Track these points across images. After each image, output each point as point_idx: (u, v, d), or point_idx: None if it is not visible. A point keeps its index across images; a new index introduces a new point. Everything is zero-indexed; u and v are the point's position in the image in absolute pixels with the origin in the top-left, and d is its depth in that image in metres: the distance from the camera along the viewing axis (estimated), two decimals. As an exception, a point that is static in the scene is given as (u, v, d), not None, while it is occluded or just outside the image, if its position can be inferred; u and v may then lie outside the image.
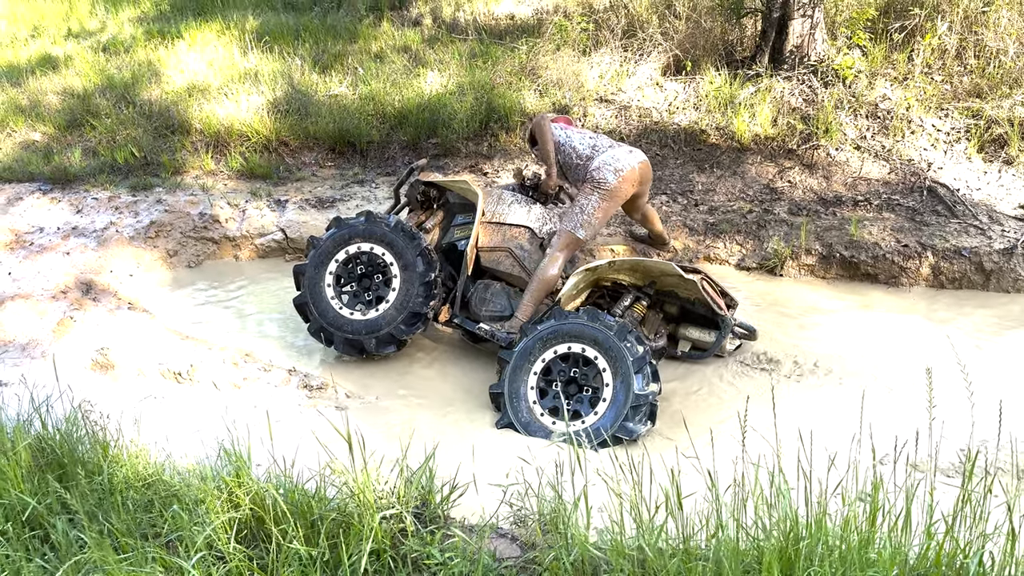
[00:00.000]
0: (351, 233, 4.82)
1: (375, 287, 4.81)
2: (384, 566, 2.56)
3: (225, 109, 7.50)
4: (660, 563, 2.27)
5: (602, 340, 4.09)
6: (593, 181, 4.67)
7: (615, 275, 4.63)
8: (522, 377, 4.23)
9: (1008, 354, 4.57)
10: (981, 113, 6.25)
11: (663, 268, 4.45)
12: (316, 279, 4.82)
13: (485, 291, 4.88)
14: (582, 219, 4.67)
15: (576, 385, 4.22)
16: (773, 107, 6.67)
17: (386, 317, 4.67)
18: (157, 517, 2.68)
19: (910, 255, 5.48)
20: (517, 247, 4.89)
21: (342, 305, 4.79)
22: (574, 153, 4.82)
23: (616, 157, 4.69)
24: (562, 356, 4.21)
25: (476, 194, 4.83)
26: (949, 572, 2.23)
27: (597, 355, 4.12)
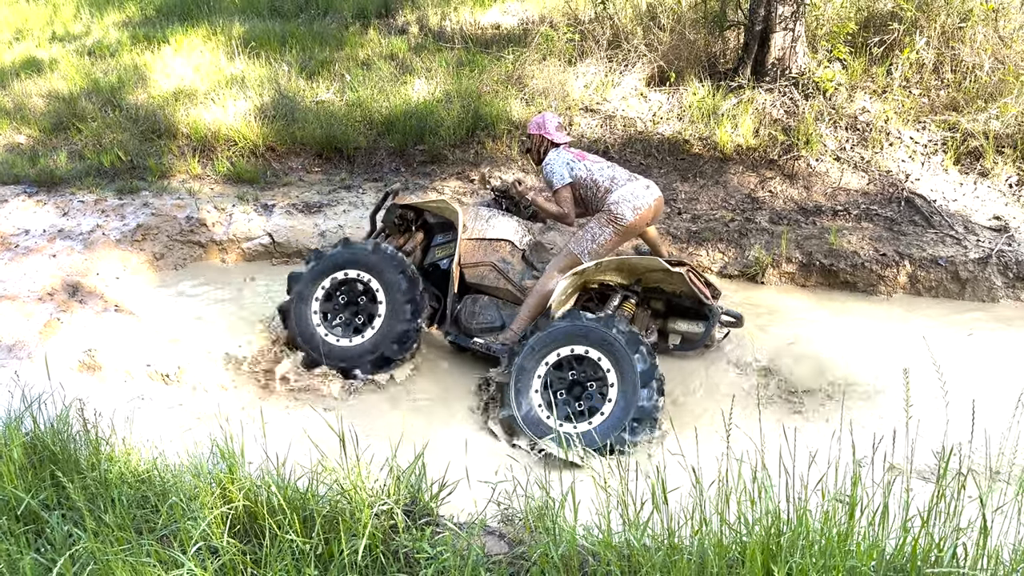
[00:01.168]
0: (333, 263, 4.91)
1: (362, 312, 4.87)
2: (376, 561, 2.61)
3: (212, 114, 7.52)
4: (646, 557, 2.33)
5: (611, 345, 4.14)
6: (610, 214, 4.67)
7: (602, 276, 4.69)
8: (529, 375, 4.26)
9: (980, 358, 4.68)
10: (957, 126, 6.40)
11: (648, 264, 4.51)
12: (302, 312, 4.90)
13: (474, 305, 4.92)
14: (591, 247, 4.69)
15: (581, 387, 4.25)
16: (755, 118, 6.79)
17: (375, 339, 4.73)
18: (151, 512, 2.71)
19: (888, 264, 5.60)
20: (500, 260, 4.95)
21: (328, 332, 4.86)
22: (595, 186, 4.79)
23: (636, 194, 4.69)
24: (571, 358, 4.26)
25: (455, 212, 4.89)
26: (924, 565, 2.31)
27: (602, 357, 4.17)
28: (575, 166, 4.85)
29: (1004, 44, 6.74)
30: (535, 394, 4.23)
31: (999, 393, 4.30)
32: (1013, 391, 4.18)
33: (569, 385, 4.28)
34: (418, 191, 6.81)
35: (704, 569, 2.19)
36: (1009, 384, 4.35)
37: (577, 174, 4.83)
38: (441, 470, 3.16)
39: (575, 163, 4.87)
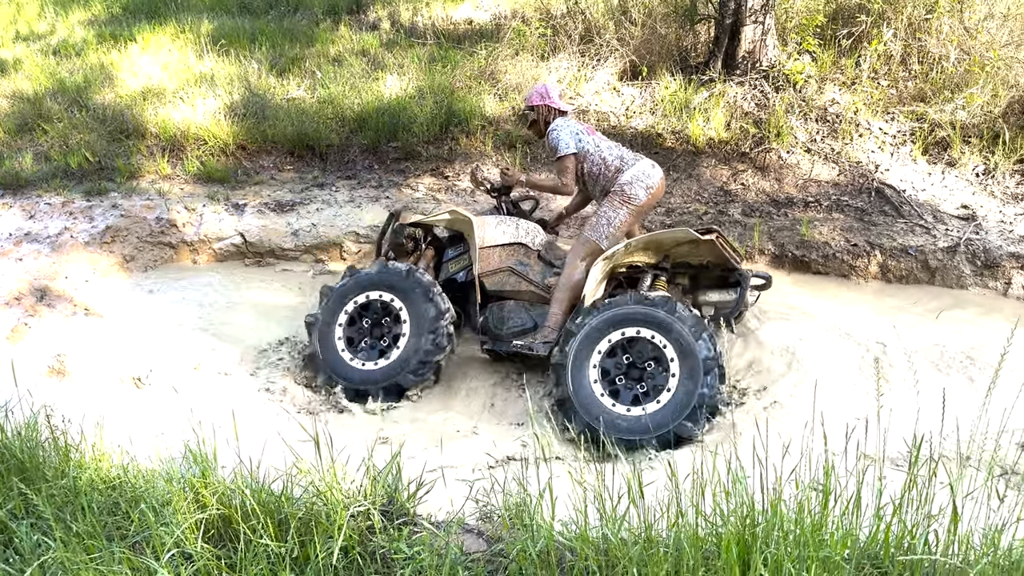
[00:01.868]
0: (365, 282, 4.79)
1: (386, 336, 4.75)
2: (352, 562, 2.59)
3: (181, 113, 7.43)
4: (623, 551, 2.34)
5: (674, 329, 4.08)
6: (623, 195, 4.64)
7: (630, 258, 4.60)
8: (586, 356, 4.20)
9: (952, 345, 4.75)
10: (925, 117, 6.48)
11: (677, 236, 4.43)
12: (326, 330, 4.78)
13: (501, 311, 4.84)
14: (608, 231, 4.66)
15: (639, 371, 4.19)
16: (726, 111, 6.83)
17: (394, 366, 4.59)
18: (123, 519, 2.67)
19: (859, 254, 5.66)
20: (517, 264, 4.90)
21: (348, 352, 4.73)
22: (603, 164, 4.75)
23: (646, 173, 4.66)
24: (628, 340, 4.20)
25: (468, 221, 4.79)
26: (897, 552, 2.33)
27: (666, 344, 4.10)
28: (583, 138, 4.80)
29: (969, 35, 6.83)
30: (592, 375, 4.17)
31: (970, 379, 4.37)
32: (984, 377, 4.25)
33: (627, 368, 4.21)
34: (392, 188, 6.77)
35: (681, 561, 2.20)
36: (980, 370, 4.42)
37: (585, 147, 4.78)
38: (418, 469, 3.15)
39: (584, 135, 4.82)
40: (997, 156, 6.11)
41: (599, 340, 4.20)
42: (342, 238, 6.37)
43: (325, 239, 6.37)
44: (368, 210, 6.51)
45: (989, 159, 6.17)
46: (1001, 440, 2.80)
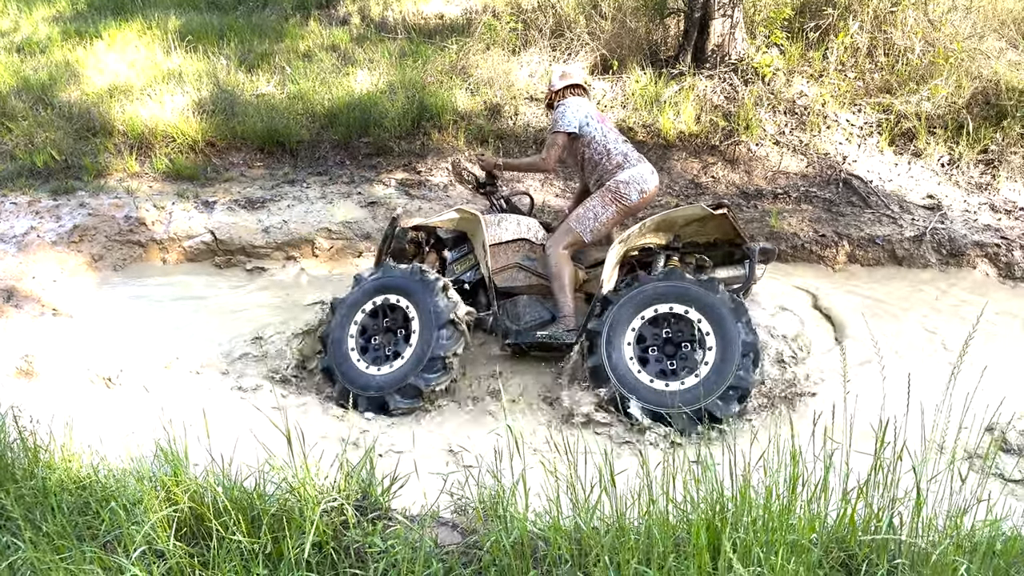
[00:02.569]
0: (373, 287, 4.68)
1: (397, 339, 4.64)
2: (327, 558, 2.59)
3: (149, 110, 7.34)
4: (595, 540, 2.36)
5: (716, 310, 4.09)
6: (617, 193, 4.63)
7: (643, 240, 4.58)
8: (622, 327, 4.21)
9: (920, 330, 4.83)
10: (891, 108, 6.57)
11: (689, 214, 4.42)
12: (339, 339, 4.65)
13: (515, 307, 4.82)
14: (594, 226, 4.67)
15: (674, 346, 4.21)
16: (696, 105, 6.88)
17: (405, 369, 4.43)
18: (93, 519, 2.65)
19: (827, 244, 5.74)
20: (524, 259, 4.89)
21: (361, 359, 4.60)
22: (606, 154, 4.71)
23: (644, 177, 4.65)
24: (665, 316, 4.21)
25: (477, 218, 4.74)
26: (864, 534, 2.38)
27: (703, 320, 4.11)
28: (592, 124, 4.75)
29: (934, 27, 6.93)
30: (627, 347, 4.18)
31: (937, 365, 4.45)
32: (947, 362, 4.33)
33: (663, 343, 4.23)
34: (364, 184, 6.74)
35: (652, 548, 2.22)
36: (947, 355, 4.51)
37: (591, 133, 4.73)
38: (392, 464, 3.16)
39: (593, 121, 4.76)
40: (961, 146, 6.21)
41: (637, 313, 4.22)
42: (314, 235, 6.33)
43: (297, 236, 6.33)
44: (340, 206, 6.48)
45: (954, 149, 6.27)
46: (965, 423, 2.86)
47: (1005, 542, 2.37)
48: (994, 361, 3.46)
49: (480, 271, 4.90)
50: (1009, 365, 4.30)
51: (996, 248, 5.49)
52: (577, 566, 2.35)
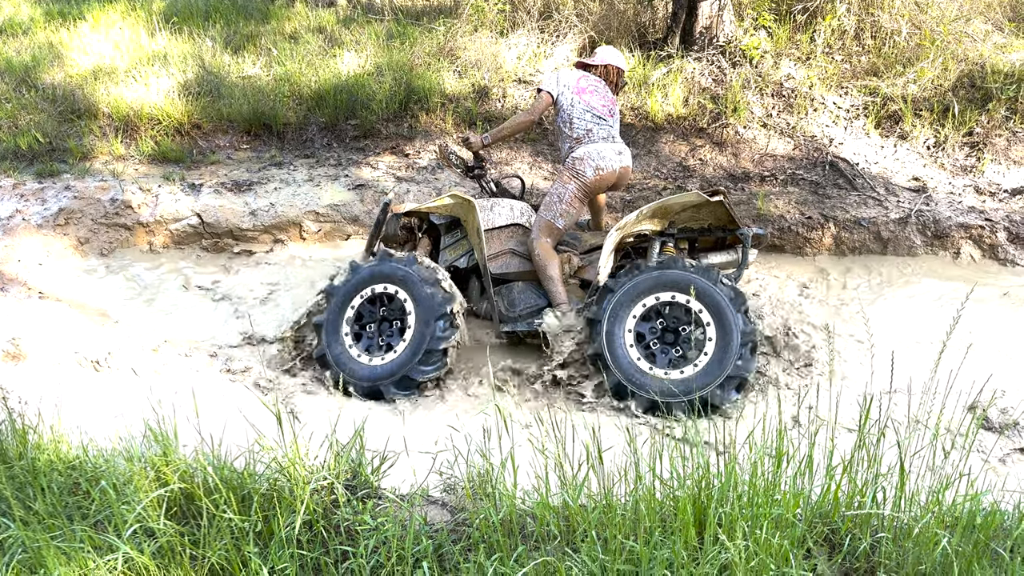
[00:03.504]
0: (367, 276, 4.62)
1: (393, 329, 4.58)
2: (317, 535, 2.61)
3: (134, 92, 7.28)
4: (583, 516, 2.39)
5: (715, 300, 4.12)
6: (572, 170, 4.66)
7: (639, 227, 4.58)
8: (622, 315, 4.23)
9: (905, 311, 4.88)
10: (878, 91, 6.60)
11: (685, 200, 4.42)
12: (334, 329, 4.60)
13: (510, 294, 4.81)
14: (560, 208, 4.67)
15: (674, 335, 4.24)
16: (684, 87, 6.88)
17: (401, 359, 4.39)
18: (83, 499, 2.66)
19: (813, 226, 5.77)
20: (517, 245, 4.88)
21: (356, 349, 4.55)
22: (568, 126, 4.73)
23: (602, 155, 4.65)
24: (664, 305, 4.23)
25: (471, 204, 4.68)
26: (847, 510, 2.42)
27: (702, 309, 4.14)
28: (566, 93, 4.76)
29: (920, 10, 6.95)
30: (627, 335, 4.21)
31: (922, 345, 4.50)
32: (938, 343, 4.37)
33: (662, 332, 4.26)
34: (352, 167, 6.72)
35: (639, 523, 2.25)
36: (933, 336, 4.56)
37: (561, 100, 4.76)
38: (382, 443, 3.18)
39: (567, 91, 4.77)
40: (947, 129, 6.25)
41: (637, 302, 4.25)
42: (301, 217, 6.32)
43: (284, 218, 6.31)
44: (327, 189, 6.46)
45: (939, 132, 6.31)
46: (948, 401, 2.90)
47: (985, 516, 2.42)
48: (978, 342, 3.51)
49: (474, 257, 4.88)
50: (993, 346, 4.36)
51: (980, 230, 5.54)
52: (565, 542, 2.38)
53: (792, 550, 2.14)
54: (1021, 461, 3.59)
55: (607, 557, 2.16)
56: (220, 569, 2.40)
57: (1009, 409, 3.83)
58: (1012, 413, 3.79)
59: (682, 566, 2.08)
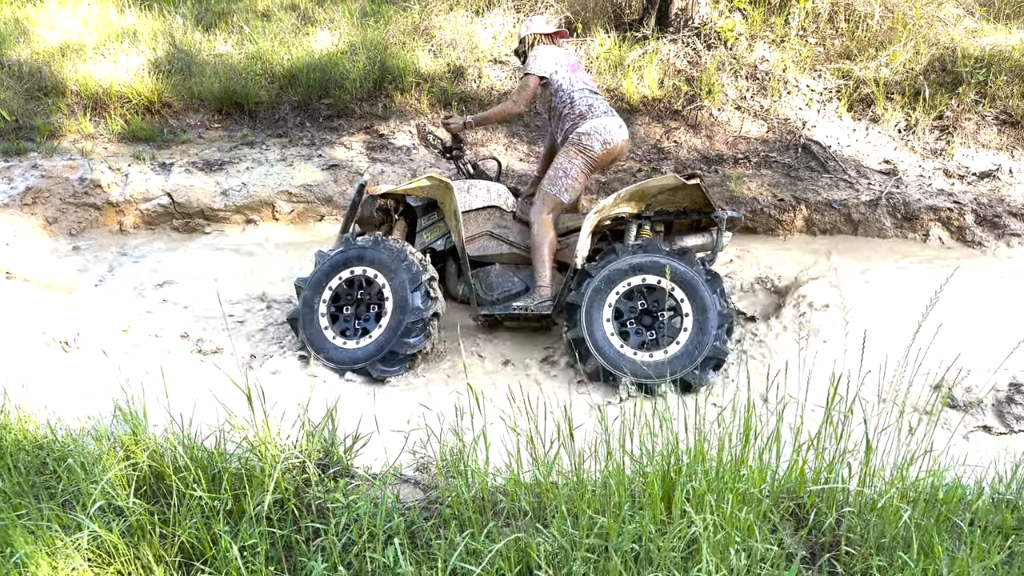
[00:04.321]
0: (338, 261, 4.58)
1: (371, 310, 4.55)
2: (288, 514, 2.61)
3: (103, 70, 7.15)
4: (554, 492, 2.41)
5: (692, 283, 4.16)
6: (580, 145, 4.62)
7: (617, 209, 4.58)
8: (601, 299, 4.26)
9: (874, 292, 4.94)
10: (850, 74, 6.64)
11: (662, 184, 4.44)
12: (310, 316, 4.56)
13: (488, 277, 4.78)
14: (566, 183, 4.65)
15: (652, 318, 4.26)
16: (660, 69, 6.88)
17: (384, 337, 4.37)
18: (51, 478, 2.63)
19: (785, 208, 5.82)
20: (495, 227, 4.85)
21: (336, 335, 4.51)
22: (570, 104, 4.70)
23: (608, 128, 4.63)
24: (644, 288, 4.26)
25: (447, 185, 4.65)
26: (814, 485, 2.46)
27: (681, 293, 4.18)
28: (560, 72, 4.74)
29: (893, -6, 7.00)
30: (606, 319, 4.23)
31: (894, 325, 4.56)
32: (907, 323, 4.43)
33: (640, 315, 4.28)
34: (325, 146, 6.67)
35: (608, 499, 2.28)
36: (903, 316, 4.62)
37: (557, 81, 4.72)
38: (354, 423, 3.18)
39: (561, 69, 4.75)
40: (918, 112, 6.31)
41: (616, 284, 4.27)
42: (274, 197, 6.26)
43: (256, 199, 6.25)
44: (300, 169, 6.41)
45: (910, 115, 6.37)
46: (916, 380, 2.95)
47: (947, 491, 2.47)
48: (945, 322, 3.56)
49: (450, 239, 4.85)
50: (959, 326, 4.43)
51: (949, 212, 5.61)
52: (536, 518, 2.40)
53: (758, 524, 2.17)
54: (984, 437, 3.66)
55: (577, 532, 2.18)
56: (190, 547, 2.40)
57: (974, 388, 3.90)
58: (976, 392, 3.87)
59: (650, 540, 2.11)
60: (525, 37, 4.91)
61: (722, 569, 2.01)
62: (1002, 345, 4.37)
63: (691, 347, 4.10)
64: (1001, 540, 2.29)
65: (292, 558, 2.48)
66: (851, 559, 2.25)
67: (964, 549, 2.13)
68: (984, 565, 2.09)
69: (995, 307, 4.72)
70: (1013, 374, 3.91)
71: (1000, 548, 2.23)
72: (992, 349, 4.31)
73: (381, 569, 2.31)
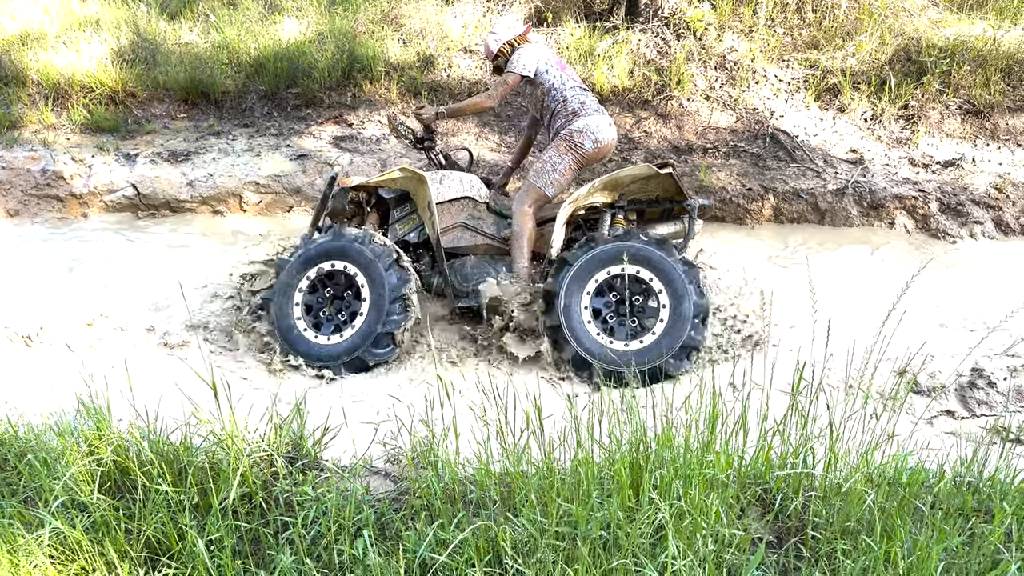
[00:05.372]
0: (318, 252, 4.51)
1: (345, 309, 4.50)
2: (256, 507, 2.59)
3: (64, 59, 7.01)
4: (523, 481, 2.41)
5: (668, 272, 4.19)
6: (571, 142, 4.61)
7: (590, 199, 4.58)
8: (578, 289, 4.26)
9: (840, 279, 5.00)
10: (818, 64, 6.70)
11: (635, 173, 4.45)
12: (282, 304, 4.49)
13: (463, 268, 4.74)
14: (553, 177, 4.63)
15: (629, 307, 4.27)
16: (630, 59, 6.89)
17: (354, 340, 4.33)
18: (12, 475, 2.59)
19: (754, 198, 5.87)
20: (468, 218, 4.81)
21: (307, 327, 4.45)
22: (563, 102, 4.68)
23: (599, 127, 4.62)
24: (619, 277, 4.27)
25: (421, 177, 4.58)
26: (780, 470, 2.48)
27: (655, 281, 4.21)
28: (551, 71, 4.71)
29: (859, -16, 7.06)
30: (584, 308, 4.23)
31: (860, 312, 4.63)
32: (872, 310, 4.50)
33: (616, 304, 4.30)
34: (293, 136, 6.60)
35: (578, 487, 2.28)
36: (868, 303, 4.68)
37: (550, 81, 4.69)
38: (324, 416, 3.15)
39: (552, 68, 4.72)
40: (884, 102, 6.39)
41: (593, 274, 4.28)
42: (241, 188, 6.19)
43: (223, 189, 6.17)
44: (268, 159, 6.33)
45: (876, 105, 6.44)
46: (882, 367, 2.99)
47: (910, 474, 2.51)
48: (908, 309, 3.61)
49: (424, 231, 4.82)
50: (923, 313, 4.50)
51: (914, 201, 5.69)
52: (505, 507, 2.40)
53: (724, 509, 2.19)
54: (947, 422, 3.73)
55: (546, 520, 2.18)
56: (156, 542, 2.37)
57: (937, 373, 3.97)
58: (939, 377, 3.93)
59: (618, 527, 2.12)
60: (501, 50, 4.83)
61: (688, 555, 2.03)
62: (965, 331, 4.46)
63: (668, 336, 4.13)
64: (962, 522, 2.33)
65: (260, 552, 2.46)
66: (816, 543, 2.29)
67: (925, 531, 2.17)
68: (944, 547, 2.13)
69: (958, 294, 4.81)
70: (975, 359, 3.98)
71: (961, 530, 2.27)
72: (955, 336, 4.40)
73: (350, 561, 2.30)
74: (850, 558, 2.17)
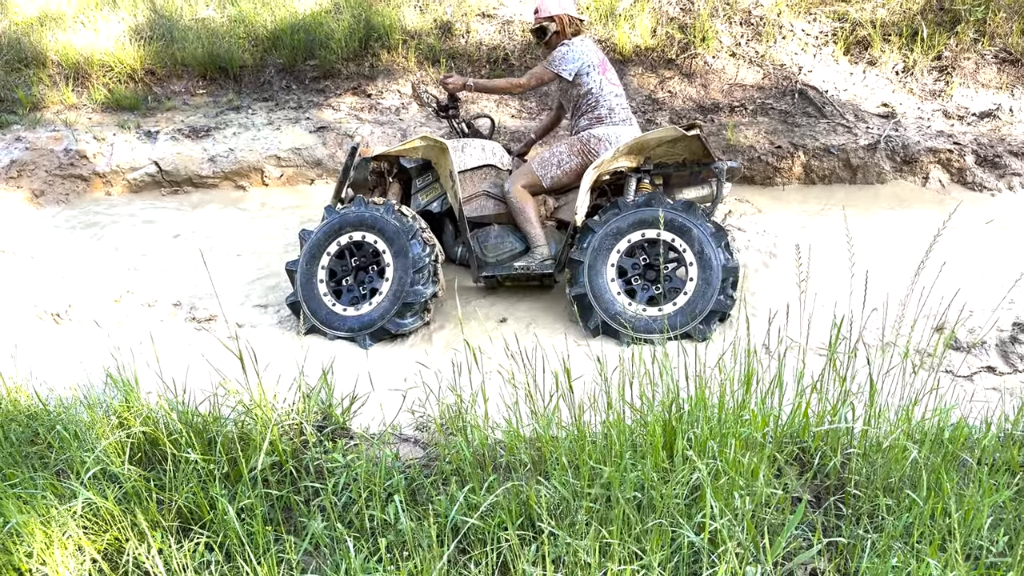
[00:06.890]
0: (343, 223, 4.47)
1: (370, 279, 4.46)
2: (287, 475, 2.58)
3: (83, 38, 7.00)
4: (554, 445, 2.37)
5: (694, 236, 4.13)
6: (586, 145, 4.51)
7: (615, 164, 4.48)
8: (604, 255, 4.22)
9: (874, 237, 4.88)
10: (846, 16, 6.50)
11: (661, 136, 4.35)
12: (309, 274, 4.46)
13: (487, 238, 4.67)
14: (555, 173, 4.56)
15: (655, 271, 4.22)
16: (652, 17, 6.73)
17: (379, 311, 4.30)
18: (44, 448, 2.60)
19: (783, 156, 5.72)
20: (491, 186, 4.74)
21: (333, 298, 4.43)
22: (595, 105, 4.55)
23: (620, 139, 4.50)
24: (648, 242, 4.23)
25: (443, 146, 4.51)
26: (818, 428, 2.42)
27: (685, 247, 4.15)
28: (592, 74, 4.55)
29: (889, -68, 6.82)
30: (610, 274, 4.20)
31: (896, 268, 4.52)
32: (908, 265, 4.39)
33: (644, 269, 4.26)
34: (312, 109, 6.55)
35: (609, 449, 2.24)
36: (904, 259, 4.57)
37: (587, 83, 4.54)
38: (351, 384, 3.14)
39: (594, 71, 4.56)
40: (916, 53, 6.19)
41: (619, 240, 4.23)
42: (262, 162, 6.16)
43: (245, 164, 6.15)
44: (288, 132, 6.29)
45: (908, 57, 6.24)
46: (919, 323, 2.90)
47: (953, 430, 2.43)
48: (948, 264, 3.51)
49: (447, 201, 4.75)
50: (961, 268, 4.38)
51: (949, 154, 5.52)
52: (536, 470, 2.37)
53: (762, 468, 2.13)
54: (989, 378, 3.63)
55: (579, 483, 2.14)
56: (188, 512, 2.37)
57: (976, 329, 3.86)
58: (979, 332, 3.83)
59: (652, 487, 2.07)
60: (558, 16, 4.63)
61: (727, 513, 1.98)
62: (1004, 286, 4.34)
63: (696, 301, 4.07)
64: (1009, 477, 2.25)
65: (291, 519, 2.45)
66: (857, 501, 2.22)
67: (972, 486, 2.10)
68: (993, 501, 2.06)
69: (996, 248, 4.67)
70: (1016, 314, 3.87)
71: (1008, 484, 2.20)
72: (995, 290, 4.27)
73: (381, 526, 2.28)
74: (893, 515, 2.11)
